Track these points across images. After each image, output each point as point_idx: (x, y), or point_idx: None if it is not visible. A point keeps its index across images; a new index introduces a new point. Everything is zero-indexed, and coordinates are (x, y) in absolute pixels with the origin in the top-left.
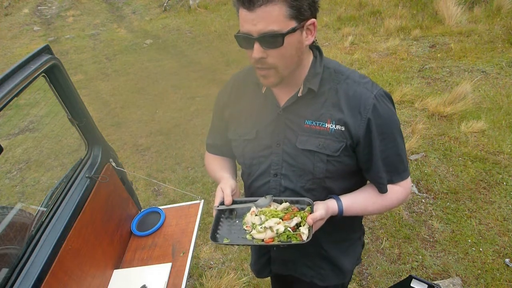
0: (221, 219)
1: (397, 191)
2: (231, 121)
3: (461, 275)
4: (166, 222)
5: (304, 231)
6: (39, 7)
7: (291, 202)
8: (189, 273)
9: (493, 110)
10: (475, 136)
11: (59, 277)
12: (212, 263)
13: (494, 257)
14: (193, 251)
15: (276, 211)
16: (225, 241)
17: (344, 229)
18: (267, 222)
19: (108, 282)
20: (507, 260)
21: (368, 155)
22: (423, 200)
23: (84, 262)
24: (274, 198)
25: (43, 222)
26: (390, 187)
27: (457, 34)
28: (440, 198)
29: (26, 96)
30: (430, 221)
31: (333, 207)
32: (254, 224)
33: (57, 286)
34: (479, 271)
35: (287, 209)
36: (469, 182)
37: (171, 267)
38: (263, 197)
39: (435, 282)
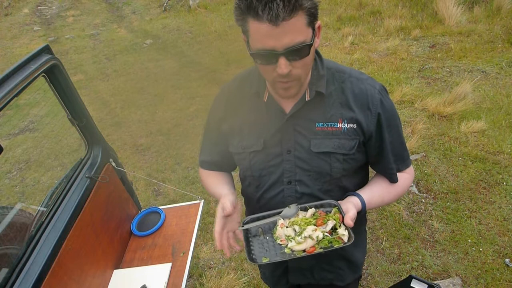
0: (250, 238)
1: (406, 178)
2: (232, 134)
3: (461, 275)
4: (166, 222)
5: (343, 232)
6: (39, 7)
7: (315, 207)
8: (189, 273)
9: (493, 110)
10: (475, 136)
11: (59, 277)
12: (212, 263)
13: (494, 257)
14: (193, 251)
15: (307, 219)
16: (265, 260)
17: (356, 224)
18: (305, 231)
19: (108, 282)
20: (507, 260)
21: (379, 148)
22: (423, 200)
23: (84, 262)
24: (299, 206)
25: (43, 222)
26: (398, 175)
27: (457, 34)
28: (440, 198)
29: (26, 96)
30: (430, 221)
31: (357, 203)
32: (289, 236)
33: (57, 286)
34: (479, 271)
35: (314, 215)
36: (469, 182)
37: (171, 267)
38: (287, 208)
39: (435, 282)
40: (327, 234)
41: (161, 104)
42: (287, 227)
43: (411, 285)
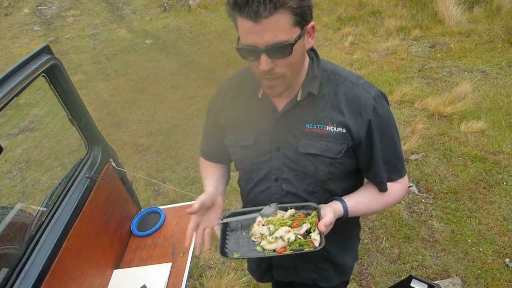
0: (227, 232)
1: (397, 188)
2: (227, 127)
3: (461, 275)
4: (166, 222)
5: (315, 237)
6: (39, 7)
7: (296, 208)
8: (189, 273)
9: (493, 110)
10: (475, 136)
11: (59, 277)
12: (212, 263)
13: (494, 257)
14: (193, 251)
15: (283, 219)
16: (236, 255)
17: (346, 229)
18: (277, 231)
19: (108, 282)
20: (507, 260)
21: (369, 156)
22: (423, 200)
23: (84, 262)
24: (279, 205)
25: (43, 222)
26: (389, 184)
27: (457, 34)
28: (440, 198)
29: (26, 96)
30: (430, 221)
31: (339, 209)
32: (263, 234)
33: (57, 286)
34: (479, 271)
35: (293, 216)
36: (469, 182)
37: (171, 267)
38: (267, 206)
39: (435, 282)
40: (300, 236)
41: (161, 104)
42: (263, 225)
43: (411, 285)
